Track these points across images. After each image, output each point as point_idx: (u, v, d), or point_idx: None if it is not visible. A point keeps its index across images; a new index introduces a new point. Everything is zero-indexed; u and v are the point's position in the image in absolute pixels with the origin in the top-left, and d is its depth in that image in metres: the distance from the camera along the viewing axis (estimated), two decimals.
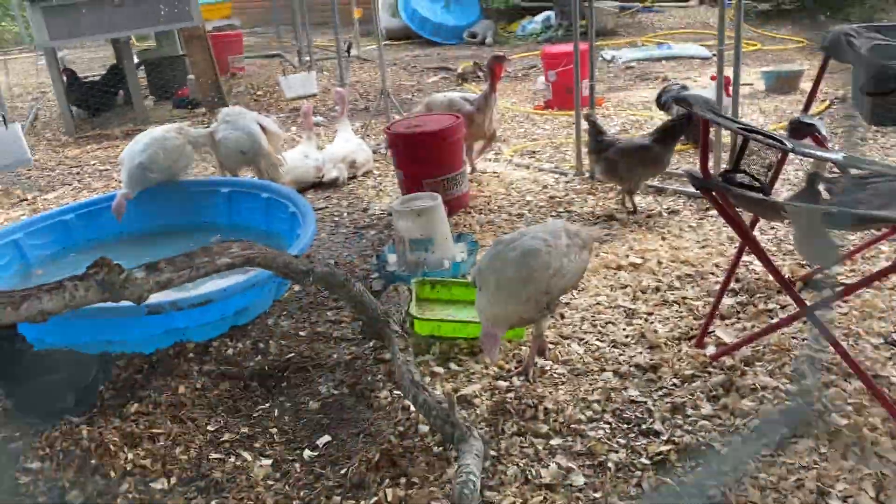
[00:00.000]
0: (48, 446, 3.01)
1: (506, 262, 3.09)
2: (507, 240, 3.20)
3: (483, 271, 3.16)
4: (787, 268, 3.99)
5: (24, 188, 7.07)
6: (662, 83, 9.09)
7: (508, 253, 3.10)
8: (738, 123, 3.02)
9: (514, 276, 3.04)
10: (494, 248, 3.20)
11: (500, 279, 3.06)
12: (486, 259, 3.20)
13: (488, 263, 3.16)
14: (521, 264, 3.06)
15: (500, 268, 3.08)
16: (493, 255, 3.16)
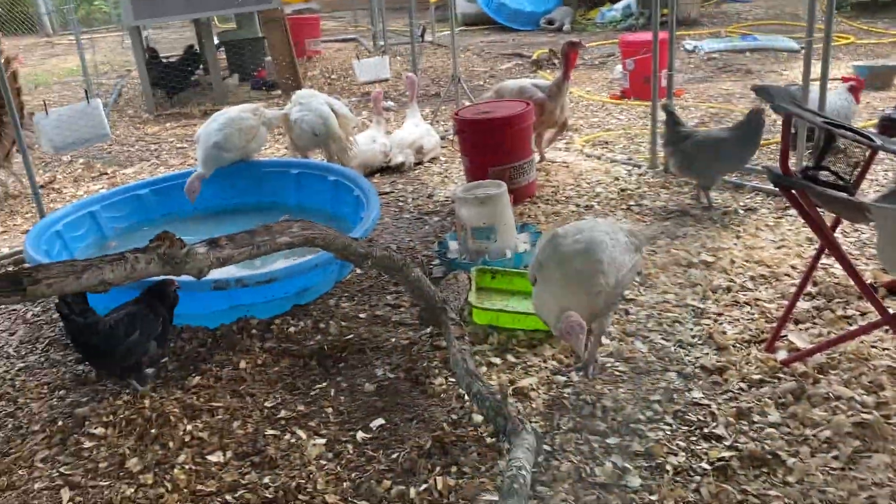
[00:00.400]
0: (112, 413, 3.11)
1: (572, 254, 2.95)
2: (566, 232, 3.05)
3: (545, 264, 3.02)
4: (869, 273, 3.78)
5: (105, 162, 7.33)
6: (746, 75, 8.77)
7: (573, 245, 2.97)
8: (823, 118, 2.85)
9: (582, 268, 2.92)
10: (552, 240, 3.05)
11: (568, 272, 2.93)
12: (546, 252, 3.04)
13: (550, 256, 3.01)
14: (590, 256, 2.91)
15: (565, 260, 2.95)
16: (553, 248, 3.01)
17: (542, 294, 3.01)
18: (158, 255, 2.24)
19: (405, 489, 2.60)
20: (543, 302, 3.00)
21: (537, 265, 3.07)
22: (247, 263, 3.83)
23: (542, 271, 3.02)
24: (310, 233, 2.75)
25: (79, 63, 9.90)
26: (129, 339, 3.20)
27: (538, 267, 3.05)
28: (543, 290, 3.00)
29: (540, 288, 3.02)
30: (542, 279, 3.01)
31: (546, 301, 2.98)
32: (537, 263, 3.07)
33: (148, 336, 3.28)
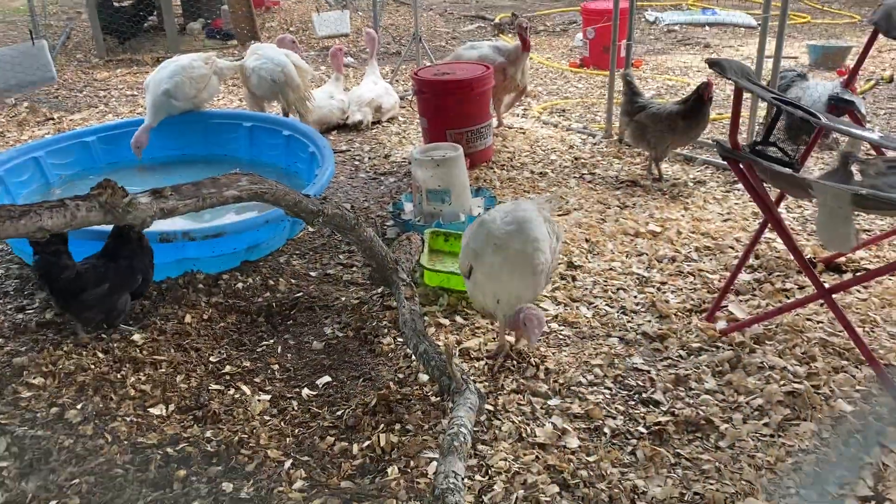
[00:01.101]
0: (52, 364, 3.05)
1: (505, 235, 2.87)
2: (493, 217, 2.97)
3: (480, 252, 2.90)
4: (809, 248, 3.89)
5: (51, 107, 7.08)
6: (704, 49, 8.85)
7: (505, 227, 2.89)
8: (772, 93, 2.90)
9: (522, 248, 2.84)
10: (482, 226, 2.95)
11: (508, 255, 2.84)
12: (478, 239, 2.93)
13: (484, 242, 2.90)
14: (525, 234, 2.86)
15: (501, 244, 2.86)
16: (486, 233, 2.91)
17: (483, 283, 2.91)
18: (100, 203, 2.18)
19: (348, 445, 2.62)
20: (484, 291, 2.92)
21: (471, 254, 2.95)
22: (196, 216, 3.78)
23: (478, 259, 2.92)
24: (259, 187, 2.71)
25: (25, 2, 9.48)
26: (97, 289, 3.15)
27: (472, 255, 2.94)
28: (483, 279, 2.90)
29: (478, 277, 2.92)
30: (479, 267, 2.92)
31: (487, 290, 2.90)
32: (471, 252, 2.96)
33: (119, 289, 3.23)
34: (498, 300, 2.88)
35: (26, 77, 6.18)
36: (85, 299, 3.18)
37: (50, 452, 2.60)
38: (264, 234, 3.94)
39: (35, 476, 2.49)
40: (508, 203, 3.19)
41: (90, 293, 3.17)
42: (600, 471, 2.47)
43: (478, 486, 2.42)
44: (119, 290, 3.25)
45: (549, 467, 2.48)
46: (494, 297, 2.87)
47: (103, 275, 3.21)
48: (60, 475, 2.49)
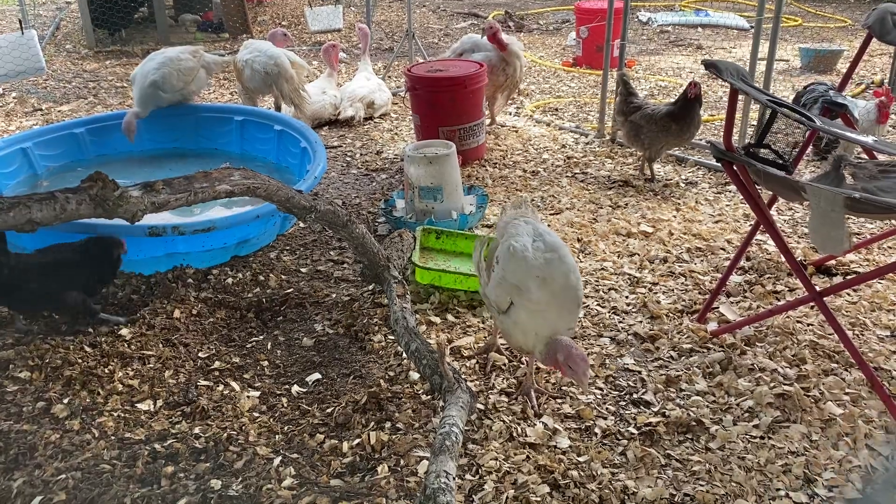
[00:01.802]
0: (38, 357, 3.02)
1: (548, 266, 2.59)
2: (523, 244, 2.64)
3: (522, 286, 2.58)
4: (800, 250, 3.91)
5: (40, 97, 7.01)
6: (696, 50, 8.87)
7: (542, 256, 2.60)
8: (767, 95, 2.90)
9: (565, 280, 2.58)
10: (514, 258, 2.62)
11: (555, 289, 2.57)
12: (516, 274, 2.60)
13: (526, 275, 2.58)
14: (567, 264, 2.61)
15: (547, 276, 2.57)
16: (525, 267, 2.59)
17: (525, 321, 2.60)
18: (90, 197, 2.15)
19: (338, 443, 2.60)
20: (525, 329, 2.61)
21: (511, 290, 2.61)
22: (186, 210, 3.75)
23: (522, 295, 2.58)
24: (251, 182, 2.68)
25: None
26: (40, 284, 3.11)
27: (514, 291, 2.60)
28: (527, 317, 2.59)
29: (521, 315, 2.60)
30: (522, 304, 2.58)
31: (529, 328, 2.60)
32: (510, 288, 2.62)
33: (65, 286, 3.17)
34: (536, 333, 2.60)
35: (15, 67, 6.11)
36: (23, 294, 3.12)
37: (36, 447, 2.57)
38: (255, 229, 3.91)
39: (20, 471, 2.46)
40: (518, 222, 2.83)
41: (28, 288, 3.11)
42: (591, 471, 2.47)
43: (468, 486, 2.41)
44: (64, 286, 3.17)
45: (540, 467, 2.48)
46: (536, 334, 2.59)
47: (42, 270, 3.13)
48: (46, 470, 2.46)
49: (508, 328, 2.69)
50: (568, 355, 2.49)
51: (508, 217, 2.93)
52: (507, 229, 2.81)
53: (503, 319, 2.69)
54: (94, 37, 8.95)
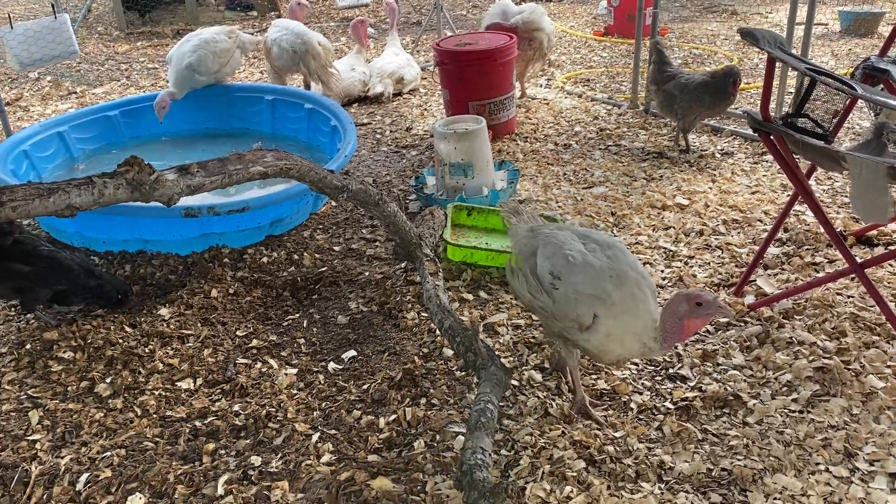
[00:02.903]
0: (81, 338, 3.09)
1: (614, 263, 2.41)
2: (575, 253, 2.44)
3: (601, 293, 2.35)
4: (840, 221, 3.82)
5: (74, 81, 7.10)
6: (731, 17, 8.67)
7: (604, 256, 2.43)
8: (805, 63, 2.83)
9: (637, 272, 2.42)
10: (583, 269, 2.40)
11: (629, 281, 2.37)
12: (590, 283, 2.37)
13: (600, 280, 2.37)
14: (627, 255, 2.46)
15: (618, 274, 2.38)
16: (595, 273, 2.38)
17: (615, 329, 2.37)
18: (127, 181, 2.18)
19: (374, 419, 2.63)
20: (621, 335, 2.37)
21: (594, 302, 2.36)
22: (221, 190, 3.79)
23: (604, 304, 2.36)
24: (284, 163, 2.69)
25: None
26: None
27: (597, 302, 2.36)
28: (615, 325, 2.37)
29: (610, 324, 2.37)
30: (607, 313, 2.36)
31: (623, 331, 2.37)
32: (590, 300, 2.37)
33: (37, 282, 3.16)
34: (634, 334, 2.37)
35: (49, 51, 6.18)
36: None
37: (81, 426, 2.64)
38: (288, 208, 3.94)
39: (67, 449, 2.53)
40: (552, 233, 2.60)
41: None
42: (627, 446, 2.46)
43: (504, 461, 2.43)
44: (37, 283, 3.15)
45: (576, 442, 2.48)
46: (634, 335, 2.36)
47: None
48: (92, 448, 2.53)
49: (600, 345, 2.40)
50: (689, 307, 2.26)
51: (526, 231, 2.70)
52: (543, 245, 2.55)
53: (588, 339, 2.40)
54: (124, 19, 9.02)
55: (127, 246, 3.78)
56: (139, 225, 3.70)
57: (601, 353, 2.44)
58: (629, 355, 2.44)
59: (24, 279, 3.08)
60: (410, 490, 2.31)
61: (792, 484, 2.28)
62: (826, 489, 2.27)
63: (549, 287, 2.46)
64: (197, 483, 2.37)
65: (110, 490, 2.35)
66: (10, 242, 3.10)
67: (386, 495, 2.29)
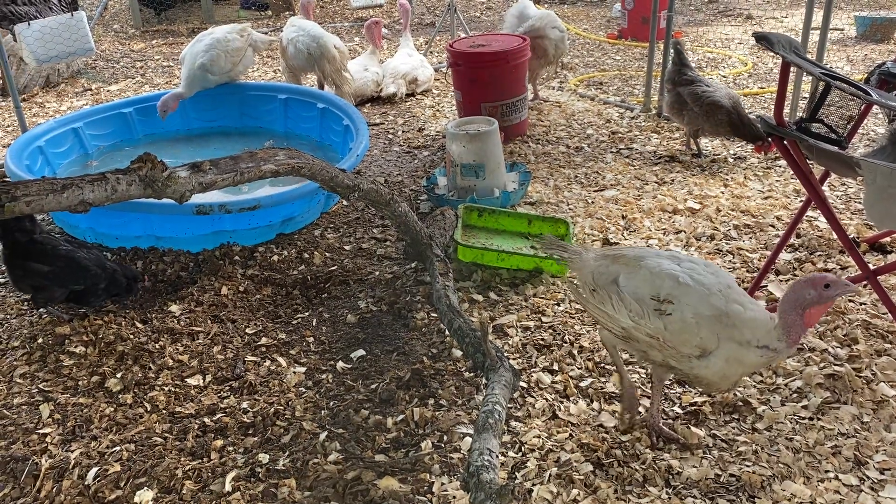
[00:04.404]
0: (93, 333, 3.11)
1: (716, 281, 2.27)
2: (678, 274, 2.29)
3: (720, 313, 2.21)
4: (853, 227, 3.80)
5: (89, 78, 7.15)
6: (745, 21, 8.63)
7: (705, 272, 2.29)
8: (820, 68, 2.81)
9: (729, 280, 2.32)
10: (695, 291, 2.24)
11: (730, 292, 2.25)
12: (706, 304, 2.22)
13: (710, 298, 2.23)
14: (715, 266, 2.35)
15: (721, 285, 2.27)
16: (706, 293, 2.24)
17: (735, 344, 2.22)
18: (139, 178, 2.20)
19: (382, 419, 2.64)
20: (741, 354, 2.21)
21: (715, 325, 2.21)
22: (233, 188, 3.81)
23: (722, 321, 2.21)
24: (296, 162, 2.70)
25: None
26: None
27: (718, 325, 2.21)
28: (733, 346, 2.22)
29: (731, 348, 2.22)
30: (727, 331, 2.21)
31: (749, 348, 2.21)
32: (711, 323, 2.21)
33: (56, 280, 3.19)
34: (756, 341, 2.22)
35: (66, 48, 6.24)
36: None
37: (91, 420, 2.66)
38: (299, 207, 3.95)
39: (77, 443, 2.55)
40: (635, 254, 2.45)
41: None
42: (635, 450, 2.45)
43: (511, 463, 2.42)
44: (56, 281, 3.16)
45: (583, 445, 2.48)
46: (757, 348, 2.22)
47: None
48: (102, 442, 2.54)
49: (720, 371, 2.22)
50: (817, 293, 2.12)
51: (597, 258, 2.51)
52: (630, 269, 2.38)
53: (707, 365, 2.22)
54: (140, 16, 9.08)
55: (139, 242, 3.81)
56: (151, 221, 3.72)
57: (721, 381, 2.25)
58: (752, 371, 2.23)
59: (41, 278, 3.11)
60: (417, 490, 2.31)
61: (801, 491, 2.27)
62: (835, 497, 2.25)
63: (654, 312, 2.27)
64: (205, 479, 2.39)
65: (119, 484, 2.37)
66: (28, 240, 3.13)
67: (392, 495, 2.29)
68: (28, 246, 3.13)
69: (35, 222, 3.20)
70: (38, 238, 3.17)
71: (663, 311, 2.25)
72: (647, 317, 2.28)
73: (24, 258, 3.11)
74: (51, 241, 3.19)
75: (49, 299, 3.18)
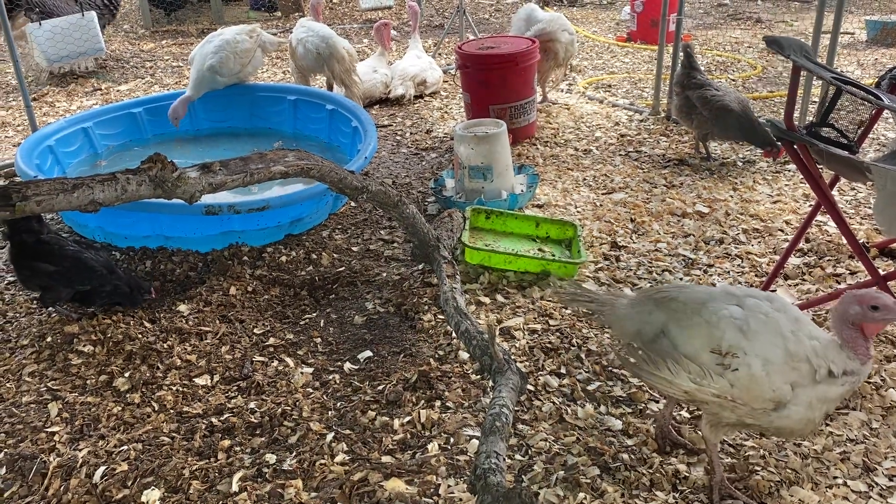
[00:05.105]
0: (101, 332, 3.12)
1: (784, 309, 2.12)
2: (760, 314, 2.08)
3: (798, 345, 2.03)
4: (862, 232, 3.78)
5: (99, 78, 7.18)
6: (755, 24, 8.61)
7: (775, 311, 2.10)
8: (831, 72, 2.80)
9: (797, 311, 2.16)
10: (767, 321, 2.06)
11: (801, 334, 2.07)
12: (794, 343, 2.03)
13: (794, 337, 2.04)
14: (781, 300, 2.19)
15: (794, 326, 2.08)
16: (788, 333, 2.04)
17: (821, 389, 2.05)
18: (150, 178, 2.21)
19: (389, 420, 2.64)
20: (825, 391, 2.05)
21: (788, 371, 2.02)
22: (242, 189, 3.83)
23: (803, 371, 2.03)
24: (305, 163, 2.71)
25: None
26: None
27: (794, 372, 2.02)
28: (807, 392, 2.04)
29: (816, 389, 2.04)
30: (806, 370, 2.03)
31: (831, 386, 2.05)
32: (788, 369, 2.02)
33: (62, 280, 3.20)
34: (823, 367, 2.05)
35: (76, 48, 6.28)
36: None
37: (99, 419, 2.67)
38: (308, 208, 3.96)
39: (85, 441, 2.56)
40: (680, 293, 2.26)
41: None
42: (642, 455, 2.45)
43: (518, 466, 2.42)
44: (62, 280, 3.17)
45: (590, 449, 2.47)
46: (836, 379, 2.05)
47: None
48: (109, 441, 2.55)
49: (803, 417, 2.04)
50: (861, 311, 1.99)
51: (634, 304, 2.32)
52: (678, 315, 2.16)
53: (788, 415, 2.03)
54: (150, 17, 9.12)
55: (148, 242, 3.82)
56: (160, 221, 3.73)
57: (805, 426, 2.05)
58: (838, 404, 2.06)
59: (47, 278, 3.13)
60: (423, 492, 2.31)
61: (809, 497, 2.26)
62: (843, 503, 2.24)
63: (717, 369, 2.04)
64: (212, 479, 2.39)
65: (126, 483, 2.37)
66: (35, 240, 3.15)
67: (399, 497, 2.29)
68: (35, 246, 3.15)
69: (42, 222, 3.22)
70: (45, 238, 3.18)
71: (727, 366, 2.02)
72: (709, 376, 2.04)
73: (31, 258, 3.13)
74: (58, 241, 3.21)
75: (56, 299, 3.20)
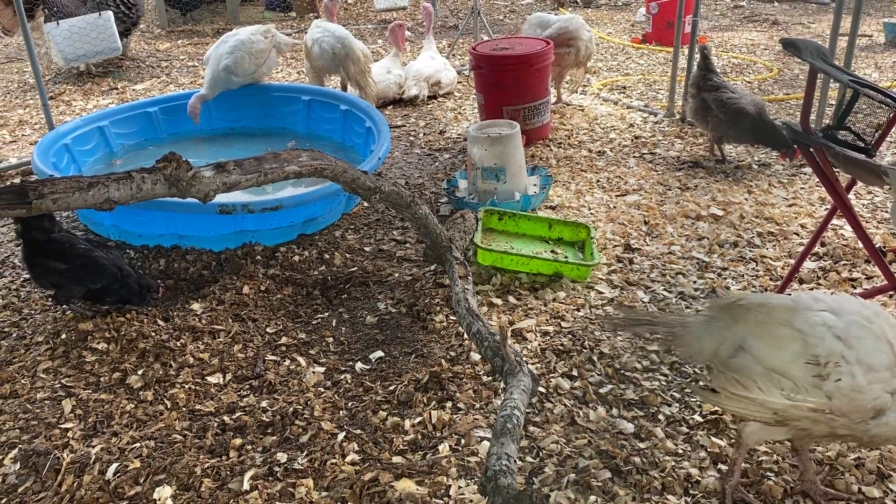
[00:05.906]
0: (115, 330, 3.14)
1: (877, 311, 2.01)
2: (835, 325, 1.96)
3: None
4: (879, 237, 3.75)
5: (115, 77, 7.23)
6: (771, 26, 8.55)
7: (865, 307, 2.01)
8: (848, 75, 2.78)
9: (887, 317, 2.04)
10: (863, 325, 1.95)
11: None
12: (876, 340, 1.93)
13: (882, 335, 1.93)
14: (873, 307, 2.06)
15: (880, 332, 1.96)
16: (871, 324, 1.95)
17: None
18: (164, 177, 2.22)
19: (400, 420, 2.64)
20: None
21: (890, 377, 1.91)
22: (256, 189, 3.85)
23: (883, 397, 1.91)
24: (319, 163, 2.71)
25: None
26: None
27: (880, 394, 1.90)
28: None
29: None
30: None
31: None
32: (889, 375, 1.91)
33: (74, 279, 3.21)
34: None
35: (93, 48, 6.32)
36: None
37: (112, 416, 2.69)
38: (321, 208, 3.97)
39: (98, 438, 2.58)
40: (762, 303, 2.13)
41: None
42: (654, 458, 2.44)
43: (528, 468, 2.41)
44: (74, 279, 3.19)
45: (602, 452, 2.46)
46: None
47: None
48: (122, 438, 2.57)
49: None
50: None
51: (711, 318, 2.22)
52: (760, 328, 2.05)
53: (887, 422, 1.92)
54: (166, 17, 9.17)
55: (162, 240, 3.85)
56: (175, 220, 3.75)
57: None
58: None
59: (58, 276, 3.15)
60: (434, 493, 2.31)
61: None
62: None
63: (813, 381, 1.92)
64: (223, 477, 2.40)
65: (138, 480, 2.39)
66: (46, 239, 3.18)
67: (410, 497, 2.29)
68: (46, 244, 3.17)
69: (53, 221, 3.24)
70: (57, 237, 3.20)
71: (824, 377, 1.90)
72: (805, 389, 1.92)
73: (42, 256, 3.16)
74: (69, 239, 3.23)
75: (69, 296, 3.22)
